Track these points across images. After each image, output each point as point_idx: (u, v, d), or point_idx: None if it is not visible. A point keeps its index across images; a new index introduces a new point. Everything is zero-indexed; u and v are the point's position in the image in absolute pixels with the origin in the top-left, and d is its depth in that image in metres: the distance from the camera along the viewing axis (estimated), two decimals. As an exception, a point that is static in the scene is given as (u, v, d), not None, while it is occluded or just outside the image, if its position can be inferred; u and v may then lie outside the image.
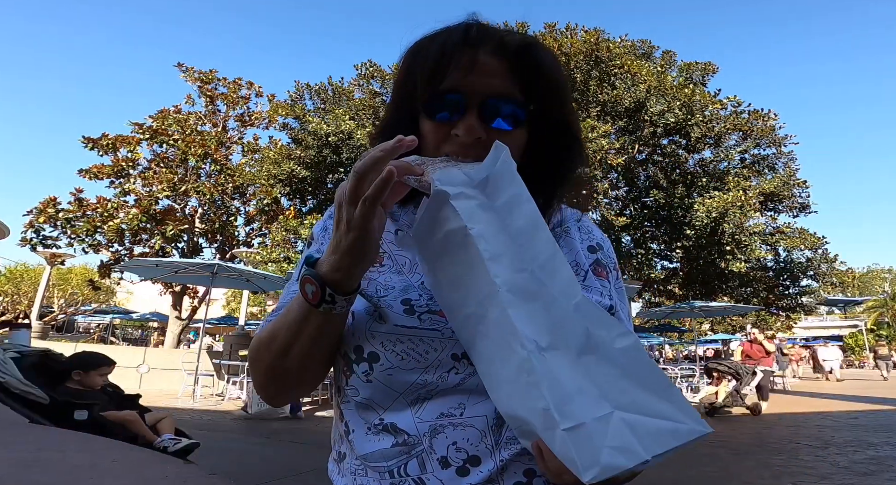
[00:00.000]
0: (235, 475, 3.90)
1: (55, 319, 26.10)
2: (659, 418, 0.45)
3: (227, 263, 10.80)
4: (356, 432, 0.64)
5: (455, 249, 0.53)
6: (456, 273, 0.54)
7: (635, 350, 0.49)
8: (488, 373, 0.53)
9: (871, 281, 50.87)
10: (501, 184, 0.53)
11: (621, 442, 0.44)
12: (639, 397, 0.46)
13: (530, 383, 0.46)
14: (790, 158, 15.33)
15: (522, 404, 0.48)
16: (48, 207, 15.61)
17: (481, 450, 0.59)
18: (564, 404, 0.45)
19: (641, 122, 13.98)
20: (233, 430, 6.25)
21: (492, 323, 0.50)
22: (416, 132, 0.64)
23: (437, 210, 0.53)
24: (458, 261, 0.53)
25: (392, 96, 0.72)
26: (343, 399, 0.66)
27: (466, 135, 0.61)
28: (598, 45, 14.00)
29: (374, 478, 0.61)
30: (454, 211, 0.52)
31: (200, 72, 17.71)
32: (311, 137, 13.91)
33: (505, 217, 0.52)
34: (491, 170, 0.54)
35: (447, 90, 0.62)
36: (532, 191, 0.68)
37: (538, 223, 0.53)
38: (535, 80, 0.64)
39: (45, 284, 15.91)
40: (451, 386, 0.60)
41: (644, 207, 15.53)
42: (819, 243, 14.48)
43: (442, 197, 0.52)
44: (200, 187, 16.17)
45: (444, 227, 0.53)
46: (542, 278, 0.51)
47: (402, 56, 0.69)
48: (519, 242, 0.52)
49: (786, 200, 14.98)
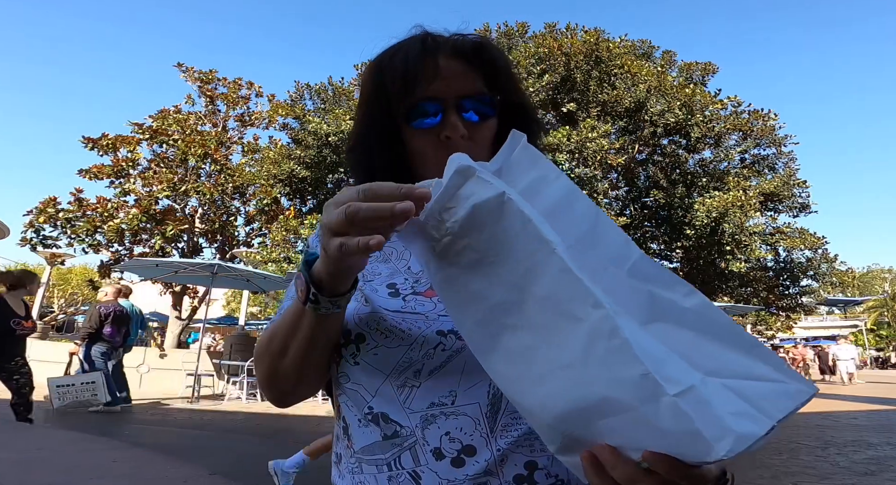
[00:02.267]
0: (235, 475, 3.90)
1: (55, 319, 26.08)
2: (761, 380, 0.38)
3: (227, 263, 10.81)
4: (352, 425, 0.64)
5: (482, 225, 0.44)
6: (478, 257, 0.45)
7: (707, 308, 0.41)
8: (522, 374, 0.43)
9: (871, 281, 50.87)
10: (519, 170, 0.48)
11: (739, 407, 0.35)
12: (728, 358, 0.39)
13: (613, 348, 0.36)
14: (790, 158, 15.35)
15: (599, 383, 0.37)
16: (48, 207, 15.59)
17: (476, 439, 0.57)
18: (662, 368, 0.36)
19: (641, 122, 13.98)
20: (233, 430, 6.24)
21: (534, 302, 0.41)
22: (396, 143, 0.70)
23: (458, 187, 0.45)
24: (485, 239, 0.44)
25: (362, 111, 0.75)
26: (338, 391, 0.67)
27: (454, 133, 0.67)
28: (598, 45, 14.00)
29: (370, 474, 0.61)
30: (483, 182, 0.44)
31: (200, 72, 17.69)
32: (311, 137, 13.92)
33: (532, 198, 0.46)
34: (505, 160, 0.49)
35: (424, 98, 0.67)
36: None
37: (574, 193, 0.47)
38: (494, 74, 0.71)
39: (45, 285, 15.91)
40: (438, 365, 0.59)
41: (644, 207, 15.53)
42: (819, 243, 14.48)
43: (466, 172, 0.45)
44: (200, 187, 16.16)
45: (467, 202, 0.45)
46: (587, 248, 0.44)
47: (364, 72, 0.75)
48: (555, 217, 0.45)
49: (786, 200, 14.99)
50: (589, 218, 0.46)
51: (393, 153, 0.71)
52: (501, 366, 0.45)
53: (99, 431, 5.38)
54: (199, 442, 5.37)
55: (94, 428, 5.52)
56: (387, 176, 0.70)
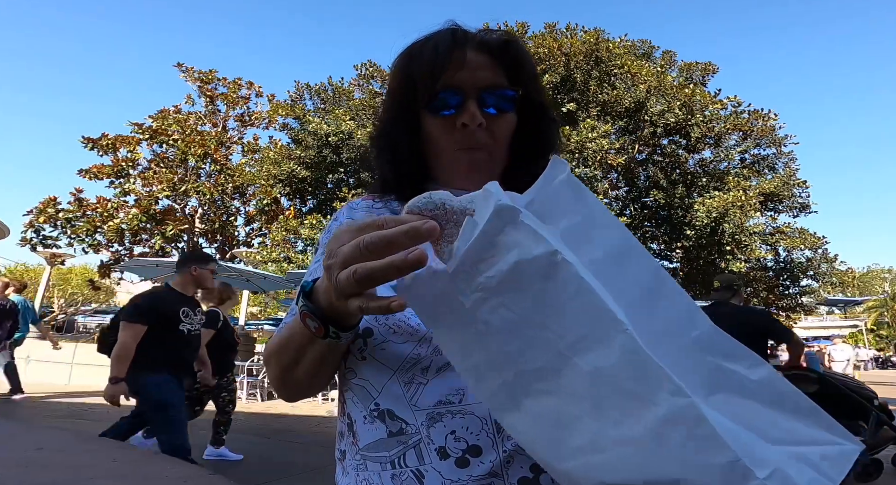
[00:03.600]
0: (235, 475, 3.90)
1: (55, 319, 26.08)
2: (820, 445, 0.41)
3: (227, 263, 10.80)
4: (357, 421, 0.64)
5: (526, 285, 0.39)
6: (515, 319, 0.40)
7: (772, 379, 0.42)
8: (556, 439, 0.41)
9: (871, 281, 50.86)
10: (560, 206, 0.42)
11: (810, 477, 0.38)
12: (791, 426, 0.41)
13: (699, 436, 0.36)
14: (790, 158, 15.35)
15: (674, 464, 0.37)
16: (48, 207, 15.60)
17: (482, 439, 0.56)
18: (748, 451, 0.36)
19: (641, 122, 13.99)
20: (233, 430, 6.23)
21: (581, 373, 0.39)
22: (418, 130, 0.72)
23: (497, 233, 0.39)
24: (527, 300, 0.39)
25: (389, 99, 0.77)
26: (344, 387, 0.67)
27: (471, 121, 0.67)
28: (598, 45, 14.02)
29: (374, 471, 0.61)
30: (529, 232, 0.38)
31: (200, 72, 17.70)
32: (311, 137, 13.93)
33: (578, 245, 0.41)
34: (542, 191, 0.42)
35: (447, 87, 0.69)
36: (519, 168, 0.74)
37: (629, 244, 0.43)
38: (517, 71, 0.72)
39: (45, 284, 15.90)
40: (446, 362, 0.58)
41: (644, 207, 15.53)
42: (819, 243, 14.48)
43: (507, 215, 0.38)
44: (200, 187, 16.16)
45: (509, 255, 0.39)
46: (646, 312, 0.41)
47: (394, 62, 0.76)
48: (607, 272, 0.41)
49: (786, 200, 14.99)
50: (647, 277, 0.43)
51: (415, 144, 0.72)
52: (525, 427, 0.43)
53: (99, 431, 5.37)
54: (199, 442, 5.37)
55: (94, 428, 5.52)
56: (408, 169, 0.73)
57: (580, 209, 0.42)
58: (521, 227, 0.38)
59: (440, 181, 0.74)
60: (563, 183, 0.43)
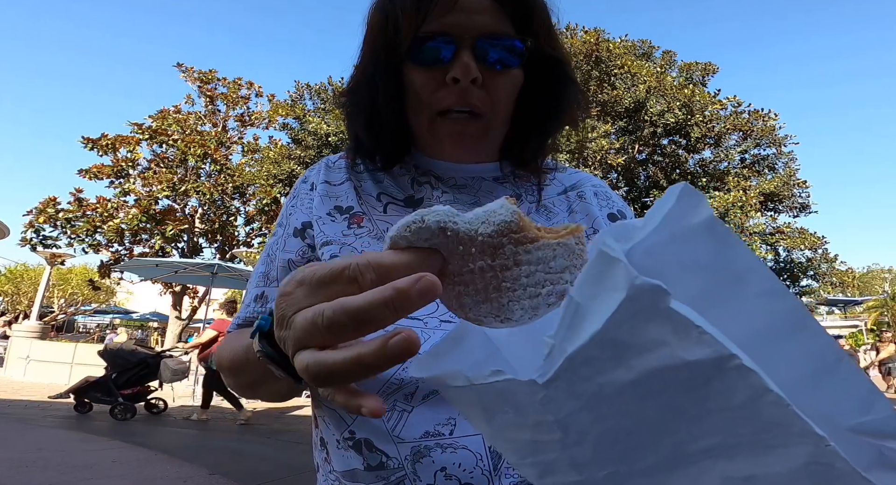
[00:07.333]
0: (235, 475, 3.90)
1: (55, 319, 26.08)
2: None
3: (227, 263, 10.81)
4: (330, 444, 0.56)
5: (667, 392, 0.26)
6: (631, 426, 0.28)
7: None
8: None
9: (871, 281, 50.85)
10: (694, 259, 0.29)
11: None
12: None
13: None
14: (790, 158, 15.36)
15: None
16: (48, 207, 15.60)
17: (476, 477, 0.48)
18: None
19: (641, 122, 14.00)
20: (233, 430, 6.24)
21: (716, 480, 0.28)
22: (398, 84, 0.58)
23: (630, 327, 0.25)
24: (659, 407, 0.27)
25: (365, 46, 0.64)
26: (316, 404, 0.60)
27: (464, 76, 0.54)
28: (598, 45, 14.02)
29: None
30: (688, 327, 0.24)
31: (200, 72, 17.70)
32: (311, 137, 13.93)
33: (726, 318, 0.28)
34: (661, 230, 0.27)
35: (435, 32, 0.55)
36: (524, 141, 0.61)
37: (799, 318, 0.30)
38: (527, 15, 0.57)
39: (45, 284, 15.89)
40: (432, 388, 0.50)
41: (644, 208, 15.53)
42: (819, 243, 14.49)
43: (648, 298, 0.24)
44: (200, 187, 16.16)
45: (643, 358, 0.26)
46: (810, 391, 0.30)
47: (371, 5, 0.63)
48: (766, 351, 0.28)
49: (786, 199, 15.01)
50: (816, 356, 0.31)
51: (396, 103, 0.59)
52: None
53: (99, 431, 5.39)
54: (199, 442, 5.37)
55: (94, 428, 5.53)
56: (387, 133, 0.60)
57: (726, 268, 0.29)
58: (673, 317, 0.24)
59: (425, 151, 0.63)
60: (704, 228, 0.28)
